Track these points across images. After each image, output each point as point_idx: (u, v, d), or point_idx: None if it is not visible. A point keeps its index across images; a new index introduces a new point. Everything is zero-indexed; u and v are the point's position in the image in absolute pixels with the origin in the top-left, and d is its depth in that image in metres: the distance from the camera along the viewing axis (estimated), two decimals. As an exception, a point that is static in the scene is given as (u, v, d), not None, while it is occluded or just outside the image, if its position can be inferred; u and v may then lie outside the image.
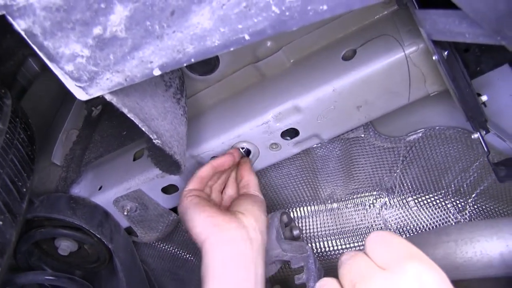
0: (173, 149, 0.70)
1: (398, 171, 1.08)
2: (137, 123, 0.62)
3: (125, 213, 1.05)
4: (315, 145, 1.01)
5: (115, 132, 1.14)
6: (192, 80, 0.98)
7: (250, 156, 0.96)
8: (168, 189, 1.03)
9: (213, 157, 0.96)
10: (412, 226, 1.12)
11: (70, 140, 1.19)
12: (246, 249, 0.77)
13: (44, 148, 1.16)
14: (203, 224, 0.78)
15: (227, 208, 0.89)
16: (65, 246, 1.06)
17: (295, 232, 0.96)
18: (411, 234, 1.12)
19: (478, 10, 0.50)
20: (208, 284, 0.73)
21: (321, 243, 1.19)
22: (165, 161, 0.74)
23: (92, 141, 1.16)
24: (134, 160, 1.05)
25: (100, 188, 1.05)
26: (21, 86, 1.17)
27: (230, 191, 0.96)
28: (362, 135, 1.02)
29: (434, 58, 0.72)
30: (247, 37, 0.52)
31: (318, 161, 1.09)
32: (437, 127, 1.00)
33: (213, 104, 1.01)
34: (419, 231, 1.12)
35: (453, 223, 1.09)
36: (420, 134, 1.01)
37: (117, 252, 1.04)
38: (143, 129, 0.63)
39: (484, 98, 0.80)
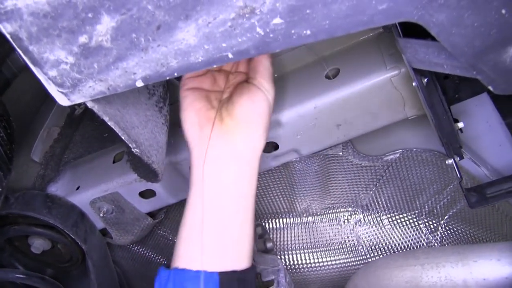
0: (152, 158, 0.70)
1: (374, 189, 1.09)
2: (117, 131, 0.62)
3: (101, 215, 1.04)
4: (294, 159, 1.02)
5: (96, 133, 1.14)
6: (175, 87, 0.98)
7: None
8: (146, 194, 1.03)
9: None
10: (384, 244, 1.14)
11: (51, 137, 1.18)
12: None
13: (24, 144, 1.15)
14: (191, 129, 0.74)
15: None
16: (38, 244, 1.05)
17: (269, 245, 0.97)
18: (383, 252, 1.14)
19: (456, 45, 0.52)
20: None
21: (294, 256, 1.19)
22: (143, 168, 0.74)
23: (73, 141, 1.15)
24: (113, 162, 1.05)
25: (77, 188, 1.05)
26: (5, 78, 1.16)
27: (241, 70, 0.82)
28: (341, 153, 1.03)
29: (413, 84, 0.74)
30: (230, 56, 0.53)
31: (296, 175, 1.10)
32: (414, 149, 1.02)
33: (195, 112, 1.01)
34: (391, 249, 1.14)
35: (425, 243, 1.11)
36: (397, 155, 1.03)
37: (90, 253, 1.04)
38: (123, 137, 0.63)
39: (460, 125, 0.82)
